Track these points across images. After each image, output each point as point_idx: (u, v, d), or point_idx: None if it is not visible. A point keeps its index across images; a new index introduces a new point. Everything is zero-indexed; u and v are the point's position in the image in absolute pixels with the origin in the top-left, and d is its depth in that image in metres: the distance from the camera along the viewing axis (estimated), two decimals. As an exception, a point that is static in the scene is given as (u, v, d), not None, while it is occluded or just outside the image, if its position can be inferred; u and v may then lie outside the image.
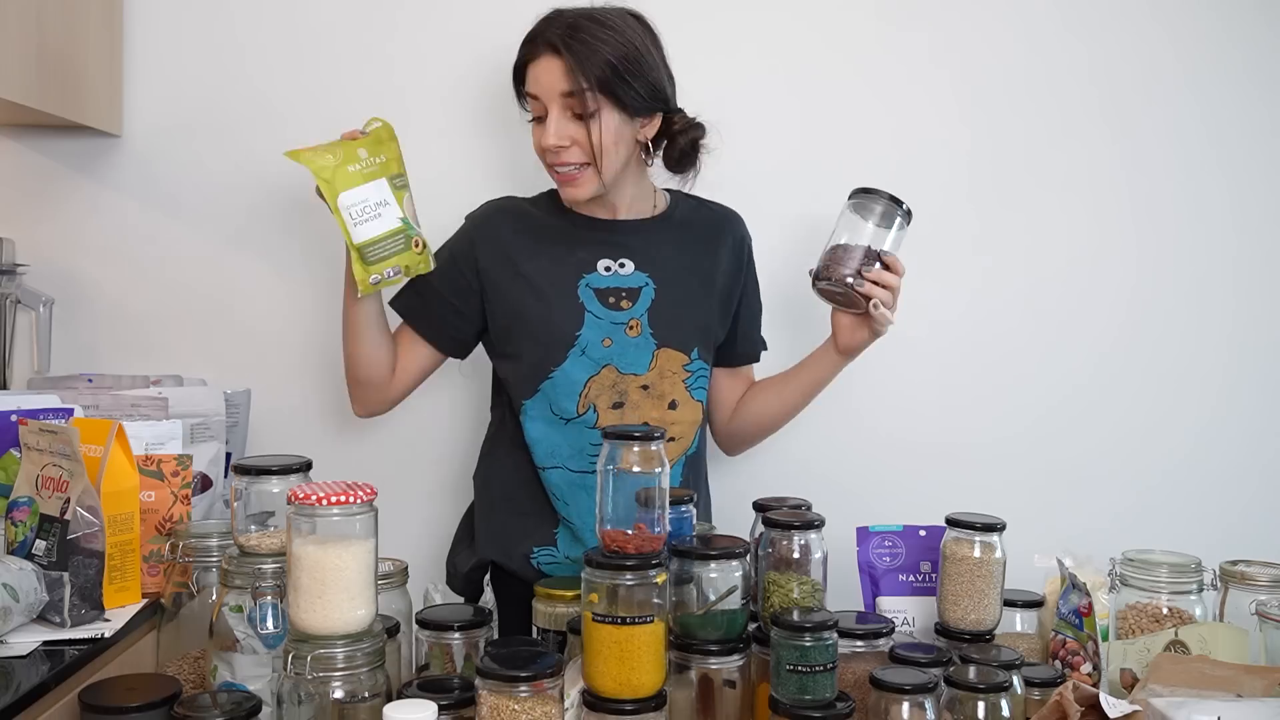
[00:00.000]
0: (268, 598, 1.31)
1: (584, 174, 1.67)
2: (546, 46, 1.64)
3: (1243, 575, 1.50)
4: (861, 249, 1.71)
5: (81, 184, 2.07)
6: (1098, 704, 1.24)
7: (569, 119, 1.64)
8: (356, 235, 1.62)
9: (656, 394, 1.72)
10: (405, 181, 1.68)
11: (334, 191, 1.61)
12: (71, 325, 2.06)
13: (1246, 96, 2.09)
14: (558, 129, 1.64)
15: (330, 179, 1.61)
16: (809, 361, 1.84)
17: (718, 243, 1.80)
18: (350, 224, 1.62)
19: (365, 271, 1.63)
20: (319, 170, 1.61)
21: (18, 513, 1.50)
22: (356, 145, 1.65)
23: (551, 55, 1.63)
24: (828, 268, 1.72)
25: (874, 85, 2.09)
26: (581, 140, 1.65)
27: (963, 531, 1.49)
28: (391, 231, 1.64)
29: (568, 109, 1.64)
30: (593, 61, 1.61)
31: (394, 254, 1.64)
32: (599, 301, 1.71)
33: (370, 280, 1.63)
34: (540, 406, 1.73)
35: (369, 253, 1.62)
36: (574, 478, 1.73)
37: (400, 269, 1.65)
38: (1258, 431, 2.13)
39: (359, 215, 1.62)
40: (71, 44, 1.86)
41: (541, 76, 1.64)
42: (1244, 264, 2.12)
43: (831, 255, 1.73)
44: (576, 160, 1.66)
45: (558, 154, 1.66)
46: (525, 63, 1.67)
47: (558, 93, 1.63)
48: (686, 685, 1.32)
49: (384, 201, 1.64)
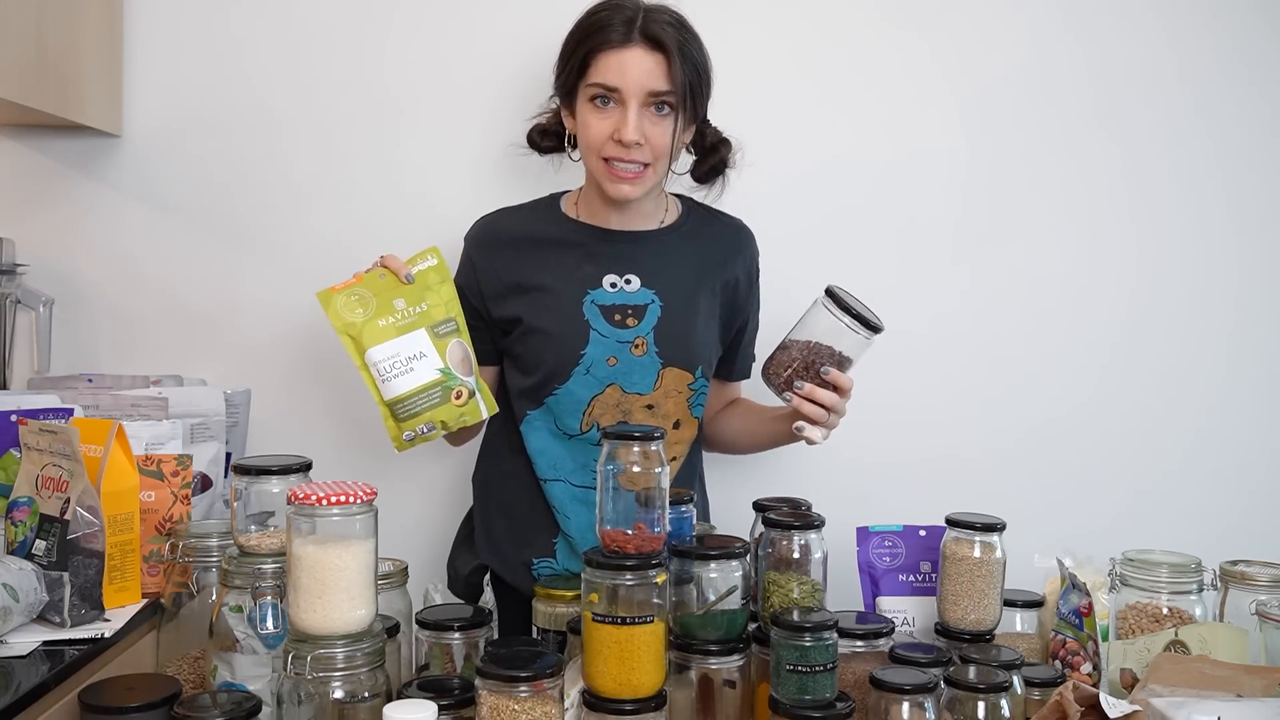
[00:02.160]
0: (268, 598, 1.31)
1: (644, 174, 1.63)
2: (646, 39, 1.58)
3: (1243, 575, 1.50)
4: (801, 359, 1.57)
5: (81, 184, 2.07)
6: (1098, 704, 1.24)
7: (647, 114, 1.60)
8: (386, 392, 1.53)
9: (661, 414, 1.71)
10: (455, 326, 1.59)
11: (360, 348, 1.54)
12: (71, 325, 2.06)
13: (1246, 97, 2.09)
14: (638, 123, 1.59)
15: (357, 335, 1.54)
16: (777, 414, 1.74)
17: (730, 258, 1.77)
18: (379, 380, 1.53)
19: (398, 429, 1.55)
20: (344, 328, 1.54)
21: (18, 513, 1.50)
22: (394, 294, 1.56)
23: (651, 49, 1.58)
24: (767, 366, 1.61)
25: (872, 87, 2.08)
26: (656, 141, 1.60)
27: (963, 531, 1.49)
28: (426, 385, 1.54)
29: (648, 104, 1.60)
30: (689, 65, 1.59)
31: (429, 408, 1.54)
32: (604, 319, 1.68)
33: (404, 437, 1.55)
34: (544, 420, 1.71)
35: (400, 409, 1.54)
36: (575, 491, 1.71)
37: (435, 424, 1.55)
38: (1258, 431, 2.13)
39: (388, 371, 1.53)
40: (71, 44, 1.86)
41: (631, 71, 1.57)
42: (1243, 265, 2.12)
43: (777, 353, 1.60)
44: (643, 159, 1.61)
45: (629, 150, 1.60)
46: (603, 47, 1.59)
47: (646, 89, 1.58)
48: (686, 685, 1.32)
49: (420, 354, 1.55)
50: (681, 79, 1.58)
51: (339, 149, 2.07)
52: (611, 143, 1.61)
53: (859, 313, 1.56)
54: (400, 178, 2.07)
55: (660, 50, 1.58)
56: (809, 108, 2.08)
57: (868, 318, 1.56)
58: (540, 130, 1.78)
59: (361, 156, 2.07)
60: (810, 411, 1.57)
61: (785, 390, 1.58)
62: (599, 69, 1.60)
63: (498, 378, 1.80)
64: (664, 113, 1.61)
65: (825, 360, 1.56)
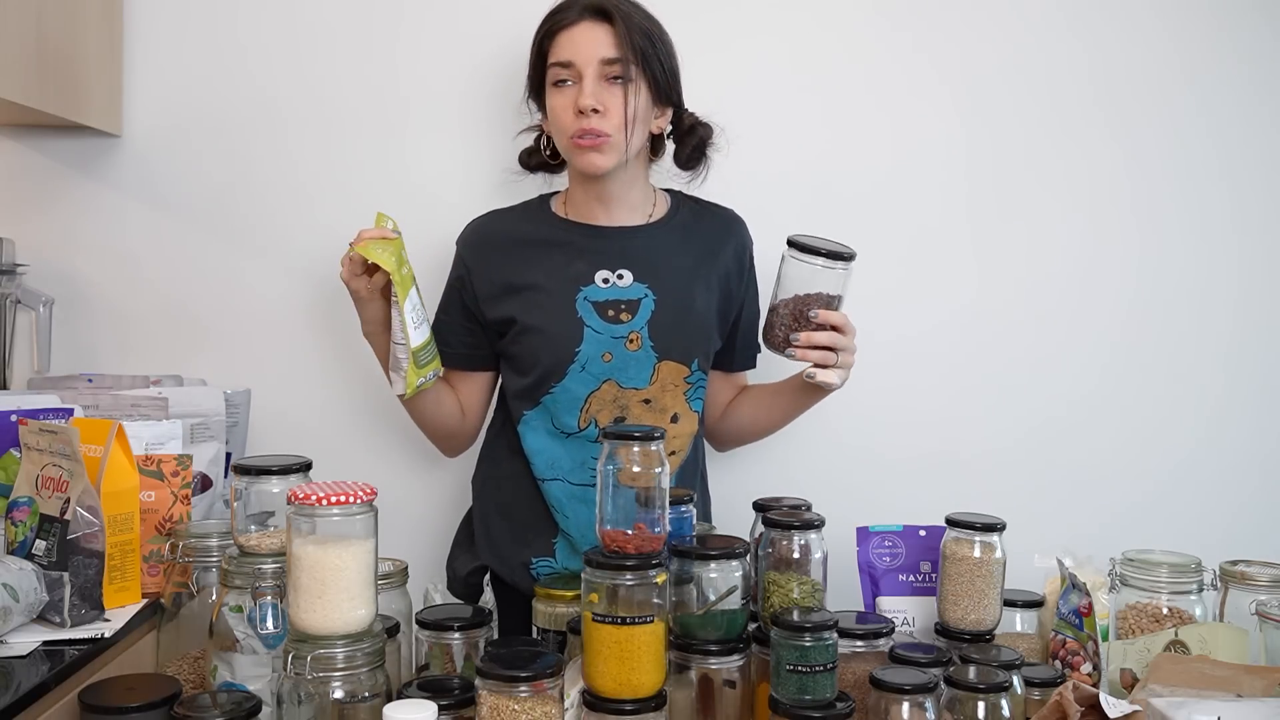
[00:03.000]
0: (268, 598, 1.31)
1: (609, 141, 1.64)
2: (590, 12, 1.64)
3: (1243, 575, 1.50)
4: (789, 312, 1.61)
5: (81, 184, 2.07)
6: (1098, 704, 1.24)
7: (604, 85, 1.64)
8: (414, 339, 1.59)
9: (658, 408, 1.71)
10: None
11: (404, 293, 1.58)
12: (71, 325, 2.06)
13: (1246, 97, 2.09)
14: (594, 90, 1.62)
15: (401, 281, 1.58)
16: (792, 384, 1.78)
17: (720, 248, 1.78)
18: (412, 327, 1.59)
19: (417, 374, 1.61)
20: (396, 269, 1.56)
21: (18, 513, 1.50)
22: (400, 247, 1.60)
23: (596, 20, 1.64)
24: (763, 333, 1.66)
25: (872, 86, 2.08)
26: (615, 108, 1.63)
27: (963, 531, 1.49)
28: (430, 337, 1.65)
29: (604, 76, 1.64)
30: (635, 31, 1.64)
31: (433, 358, 1.66)
32: (598, 315, 1.69)
33: (417, 384, 1.63)
34: (541, 419, 1.72)
35: (420, 357, 1.61)
36: (574, 490, 1.72)
37: (438, 371, 1.68)
38: (1258, 431, 2.13)
39: (415, 320, 1.60)
40: (71, 44, 1.86)
41: (581, 42, 1.64)
42: (1244, 265, 2.11)
43: (768, 317, 1.64)
44: (606, 129, 1.63)
45: (590, 117, 1.62)
46: (556, 29, 1.66)
47: (598, 58, 1.63)
48: (686, 685, 1.32)
49: (423, 305, 1.64)
50: (630, 42, 1.63)
51: (339, 149, 2.07)
52: (575, 117, 1.64)
53: (826, 250, 1.58)
54: (401, 177, 2.07)
55: (605, 20, 1.64)
56: (810, 107, 2.08)
57: (836, 250, 1.59)
58: (527, 152, 1.83)
59: (362, 156, 2.07)
60: (816, 357, 1.60)
61: (786, 348, 1.61)
62: (555, 50, 1.67)
63: (489, 386, 1.81)
64: (619, 81, 1.64)
65: (812, 305, 1.59)
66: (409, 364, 1.61)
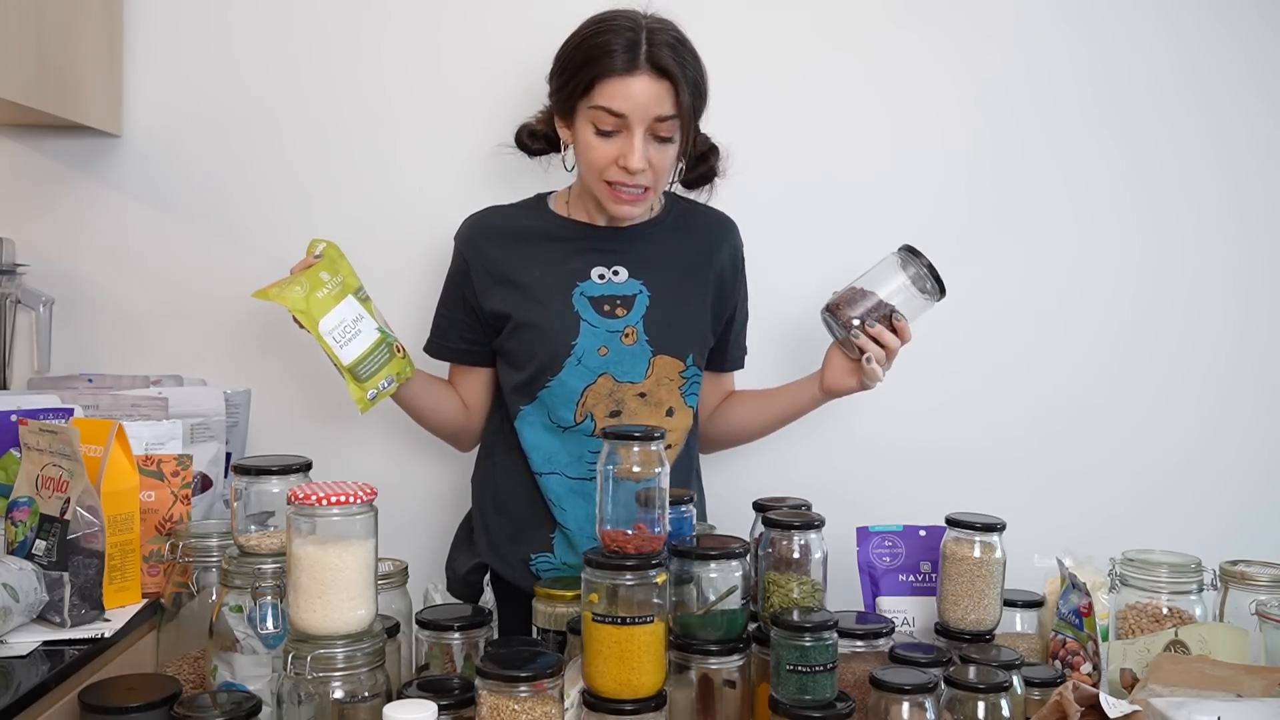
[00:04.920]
0: (268, 598, 1.31)
1: (646, 196, 1.66)
2: (651, 66, 1.57)
3: (1243, 575, 1.50)
4: (876, 301, 1.69)
5: (81, 184, 2.07)
6: (1098, 704, 1.24)
7: (651, 141, 1.61)
8: (345, 356, 1.61)
9: (654, 402, 1.72)
10: (366, 292, 1.67)
11: (313, 320, 1.60)
12: (71, 325, 2.06)
13: (1246, 97, 2.09)
14: (643, 149, 1.60)
15: (306, 309, 1.60)
16: (791, 388, 1.83)
17: (714, 248, 1.79)
18: (336, 347, 1.61)
19: (361, 389, 1.62)
20: (293, 304, 1.59)
21: (18, 513, 1.50)
22: (316, 270, 1.63)
23: (657, 77, 1.57)
24: (838, 305, 1.71)
25: (872, 87, 2.08)
26: (658, 165, 1.63)
27: (963, 531, 1.49)
28: (375, 344, 1.63)
29: (652, 132, 1.60)
30: (691, 88, 1.60)
31: (383, 365, 1.64)
32: (594, 310, 1.70)
33: (368, 397, 1.63)
34: (537, 413, 1.72)
35: (360, 370, 1.62)
36: (571, 484, 1.72)
37: (393, 378, 1.66)
38: (1257, 431, 2.13)
39: (342, 336, 1.61)
40: (71, 44, 1.86)
41: (638, 96, 1.57)
42: (1243, 265, 2.12)
43: (848, 294, 1.71)
44: (646, 183, 1.63)
45: (634, 175, 1.61)
46: (610, 73, 1.58)
47: (652, 116, 1.59)
48: (686, 685, 1.32)
49: (359, 316, 1.64)
50: (687, 103, 1.60)
51: (339, 148, 2.07)
52: (615, 168, 1.62)
53: (935, 272, 1.71)
54: (400, 177, 2.07)
55: (666, 78, 1.58)
56: (811, 109, 2.08)
57: (941, 279, 1.72)
58: (529, 132, 1.78)
59: (361, 156, 2.07)
60: (874, 350, 1.68)
61: (852, 329, 1.69)
62: (604, 94, 1.59)
63: (491, 380, 1.81)
64: (666, 137, 1.62)
65: (895, 311, 1.70)
66: (348, 382, 1.62)
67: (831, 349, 1.76)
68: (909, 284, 1.71)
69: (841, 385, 1.75)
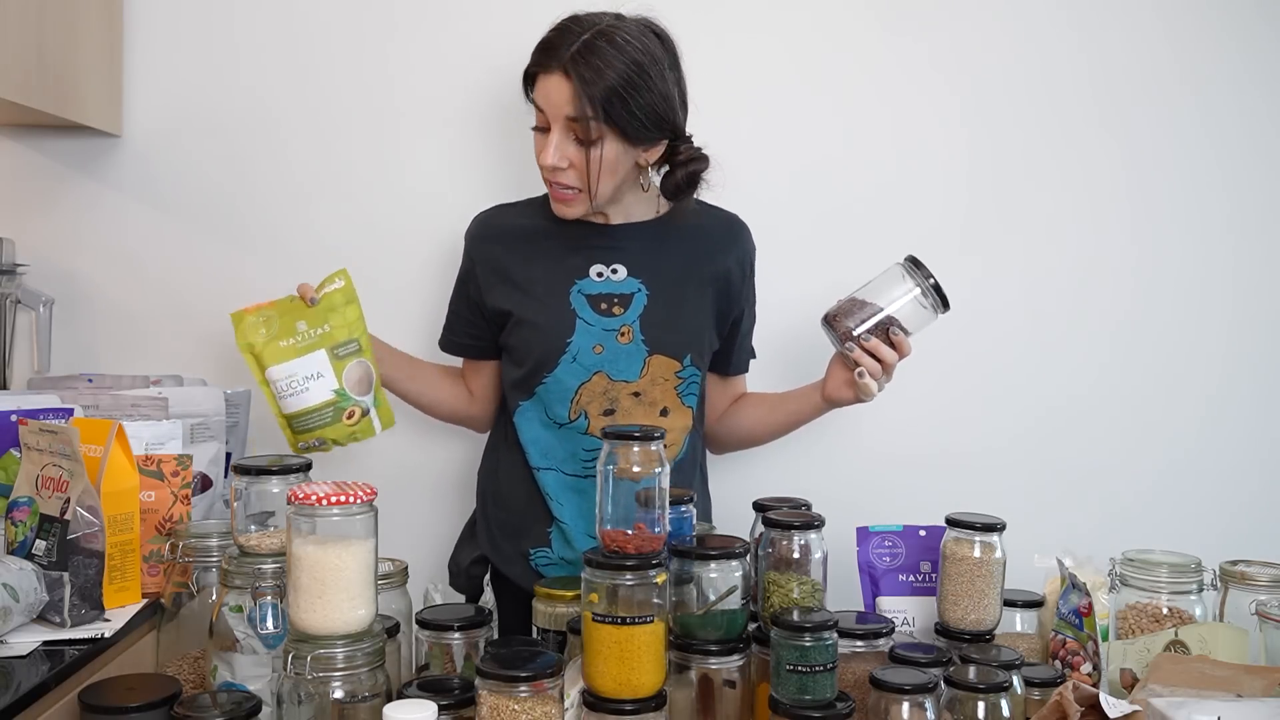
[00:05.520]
0: (268, 598, 1.31)
1: (577, 196, 1.66)
2: (556, 64, 1.59)
3: (1243, 575, 1.50)
4: (876, 312, 1.68)
5: (81, 184, 2.07)
6: (1098, 704, 1.24)
7: (570, 140, 1.62)
8: (284, 407, 1.63)
9: (648, 401, 1.72)
10: (357, 347, 1.66)
11: (260, 366, 1.62)
12: (71, 325, 2.06)
13: (1246, 98, 2.09)
14: (558, 149, 1.62)
15: (259, 354, 1.62)
16: (798, 394, 1.83)
17: (721, 250, 1.78)
18: (277, 396, 1.63)
19: (294, 438, 1.65)
20: (247, 347, 1.62)
21: (18, 513, 1.50)
22: (298, 317, 1.64)
23: (560, 75, 1.59)
24: (836, 316, 1.70)
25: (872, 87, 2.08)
26: (579, 164, 1.62)
27: (963, 531, 1.49)
28: (319, 405, 1.63)
29: (570, 130, 1.61)
30: (599, 88, 1.57)
31: (320, 426, 1.64)
32: (591, 308, 1.70)
33: (299, 446, 1.65)
34: (535, 409, 1.73)
35: (296, 424, 1.64)
36: (567, 480, 1.73)
37: (324, 441, 1.65)
38: (1257, 431, 2.13)
39: (287, 389, 1.62)
40: (71, 44, 1.86)
41: (550, 94, 1.61)
42: (1242, 265, 2.12)
43: (847, 305, 1.70)
44: (572, 183, 1.65)
45: (554, 174, 1.65)
46: (535, 71, 1.64)
47: (562, 114, 1.60)
48: (686, 685, 1.32)
49: (317, 374, 1.63)
50: (592, 102, 1.57)
51: (339, 148, 2.07)
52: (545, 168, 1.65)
53: (938, 285, 1.68)
54: (400, 177, 2.07)
55: (566, 75, 1.58)
56: (811, 108, 2.08)
57: (944, 292, 1.69)
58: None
59: (361, 156, 2.07)
60: (870, 365, 1.67)
61: (848, 341, 1.67)
62: (535, 90, 1.65)
63: (497, 374, 1.81)
64: (583, 139, 1.61)
65: (894, 325, 1.67)
66: (283, 429, 1.65)
67: (834, 358, 1.76)
68: (911, 296, 1.68)
69: (840, 396, 1.75)
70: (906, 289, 1.69)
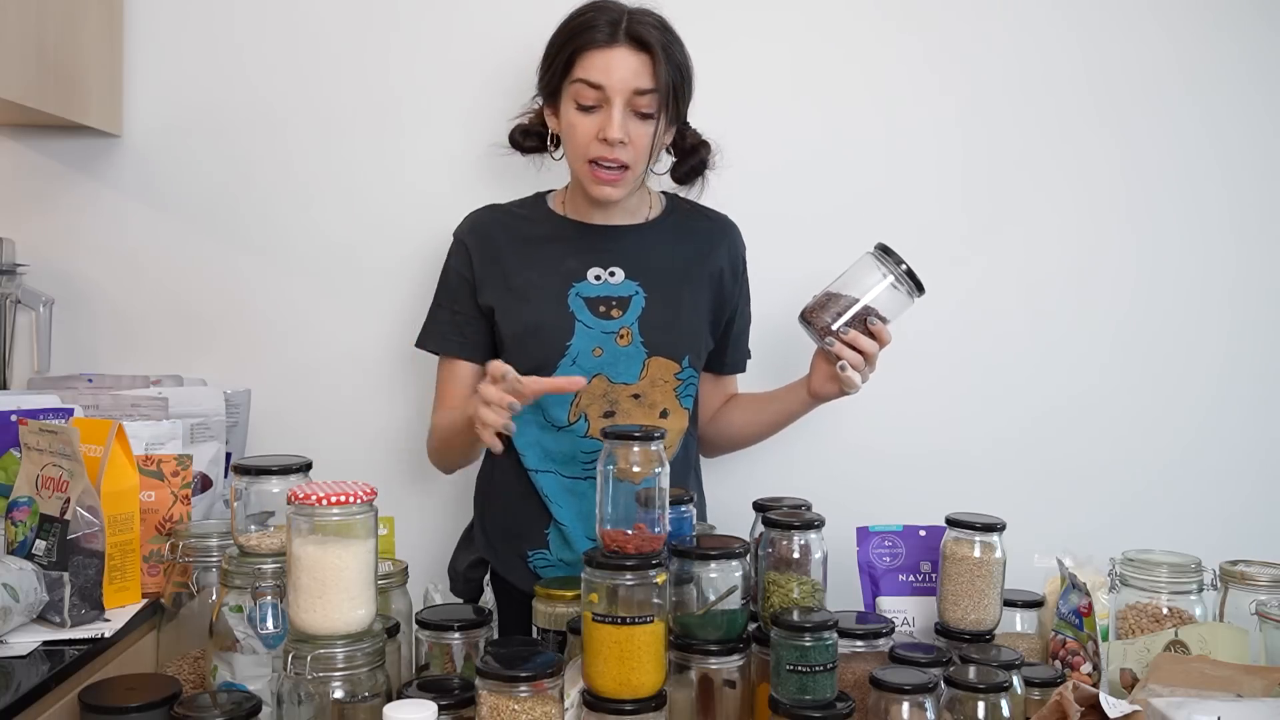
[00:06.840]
0: (268, 598, 1.31)
1: (625, 175, 1.64)
2: (631, 40, 1.59)
3: (1243, 575, 1.50)
4: (851, 303, 1.66)
5: (81, 184, 2.07)
6: (1098, 704, 1.24)
7: (631, 116, 1.61)
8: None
9: (648, 403, 1.72)
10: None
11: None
12: (71, 325, 2.06)
13: (1246, 98, 2.09)
14: (622, 121, 1.60)
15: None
16: (784, 392, 1.82)
17: (714, 251, 1.78)
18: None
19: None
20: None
21: (18, 513, 1.50)
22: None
23: (636, 49, 1.59)
24: (813, 311, 1.67)
25: (870, 87, 2.08)
26: (638, 141, 1.62)
27: (963, 531, 1.49)
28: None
29: (632, 106, 1.61)
30: (672, 65, 1.61)
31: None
32: (589, 311, 1.70)
33: None
34: (532, 413, 1.72)
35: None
36: (565, 483, 1.73)
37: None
38: (1257, 430, 2.13)
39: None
40: (71, 44, 1.86)
41: (616, 68, 1.59)
42: (1241, 265, 2.12)
43: (822, 299, 1.68)
44: (625, 160, 1.63)
45: (613, 148, 1.61)
46: (590, 46, 1.60)
47: (631, 88, 1.59)
48: (686, 685, 1.32)
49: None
50: (665, 79, 1.60)
51: (339, 148, 2.07)
52: (597, 142, 1.62)
53: (917, 280, 1.66)
54: (400, 177, 2.08)
55: (645, 50, 1.60)
56: (807, 107, 2.08)
57: (920, 283, 1.66)
58: (522, 130, 1.79)
59: (362, 156, 2.07)
60: (851, 357, 1.64)
61: (827, 335, 1.65)
62: (584, 67, 1.61)
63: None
64: (647, 113, 1.62)
65: (872, 315, 1.65)
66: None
67: (816, 353, 1.74)
68: (885, 284, 1.66)
69: (825, 390, 1.73)
70: (880, 277, 1.66)
